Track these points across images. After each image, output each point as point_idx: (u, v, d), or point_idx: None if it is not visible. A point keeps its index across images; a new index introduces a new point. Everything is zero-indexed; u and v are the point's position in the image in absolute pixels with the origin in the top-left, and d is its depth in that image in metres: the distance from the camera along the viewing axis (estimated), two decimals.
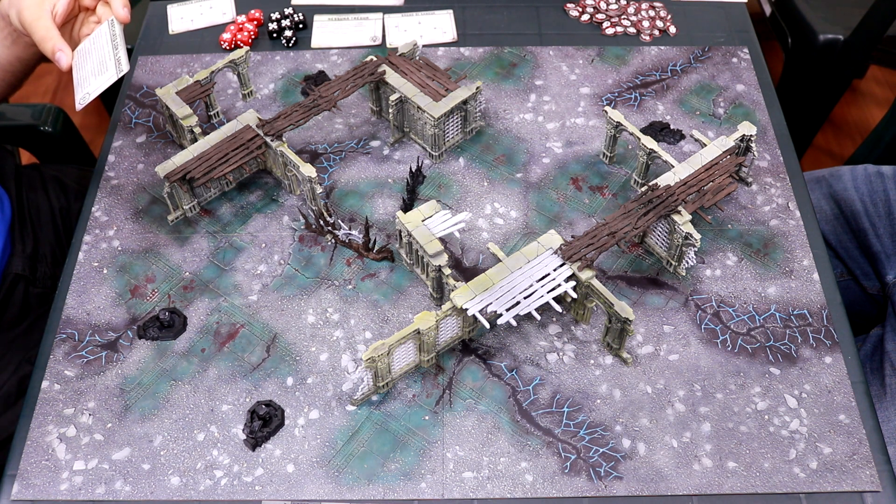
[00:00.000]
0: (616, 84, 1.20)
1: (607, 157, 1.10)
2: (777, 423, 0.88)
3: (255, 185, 1.09)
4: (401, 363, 0.90)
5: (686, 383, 0.91)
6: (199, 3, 1.33)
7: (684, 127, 1.14)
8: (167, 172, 1.00)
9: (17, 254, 1.15)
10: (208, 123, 1.14)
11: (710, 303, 0.97)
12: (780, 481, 0.84)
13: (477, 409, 0.89)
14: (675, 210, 0.94)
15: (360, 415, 0.89)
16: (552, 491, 0.84)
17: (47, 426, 0.89)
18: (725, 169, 0.98)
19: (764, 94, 1.18)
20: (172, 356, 0.94)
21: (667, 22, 1.28)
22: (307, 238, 1.04)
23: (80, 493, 0.84)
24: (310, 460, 0.86)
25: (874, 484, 0.83)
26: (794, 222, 1.04)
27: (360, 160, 1.12)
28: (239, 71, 1.13)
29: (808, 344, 0.93)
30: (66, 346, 0.94)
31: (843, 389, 0.90)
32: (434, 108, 1.06)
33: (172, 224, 1.05)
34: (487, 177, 1.09)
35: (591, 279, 0.89)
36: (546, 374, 0.92)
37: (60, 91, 2.31)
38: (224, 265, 1.01)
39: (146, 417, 0.89)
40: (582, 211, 1.06)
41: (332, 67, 1.23)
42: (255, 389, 0.91)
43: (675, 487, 0.84)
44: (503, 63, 1.23)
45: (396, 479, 0.85)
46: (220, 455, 0.86)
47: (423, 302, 0.98)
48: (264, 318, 0.96)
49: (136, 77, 1.23)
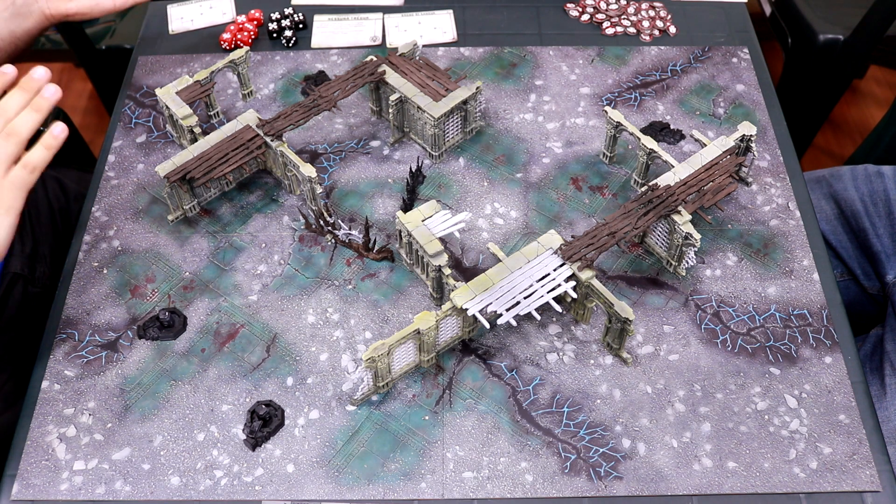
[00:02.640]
0: (616, 84, 1.20)
1: (607, 157, 1.10)
2: (777, 423, 0.88)
3: (255, 185, 1.09)
4: (401, 363, 0.90)
5: (686, 383, 0.91)
6: (199, 3, 1.33)
7: (684, 127, 1.14)
8: (167, 172, 1.00)
9: (15, 253, 1.15)
10: (208, 123, 1.14)
11: (710, 303, 0.97)
12: (780, 481, 0.84)
13: (477, 409, 0.89)
14: (675, 210, 0.94)
15: (360, 415, 0.89)
16: (552, 491, 0.84)
17: (47, 426, 0.89)
18: (725, 169, 0.98)
19: (764, 94, 1.18)
20: (172, 356, 0.94)
21: (667, 22, 1.28)
22: (307, 238, 1.04)
23: (80, 494, 0.84)
24: (310, 460, 0.86)
25: (874, 484, 0.83)
26: (794, 222, 1.04)
27: (360, 160, 1.12)
28: (239, 71, 1.13)
29: (808, 344, 0.93)
30: (66, 346, 0.94)
31: (843, 389, 0.90)
32: (434, 108, 1.06)
33: (172, 224, 1.05)
34: (487, 177, 1.09)
35: (591, 279, 0.89)
36: (546, 374, 0.92)
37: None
38: (224, 265, 1.01)
39: (146, 417, 0.89)
40: (582, 211, 1.06)
41: (332, 67, 1.23)
42: (255, 389, 0.91)
43: (675, 487, 0.84)
44: (503, 63, 1.23)
45: (396, 479, 0.85)
46: (220, 455, 0.86)
47: (423, 302, 0.98)
48: (264, 318, 0.96)
49: (136, 77, 1.23)
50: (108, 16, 1.88)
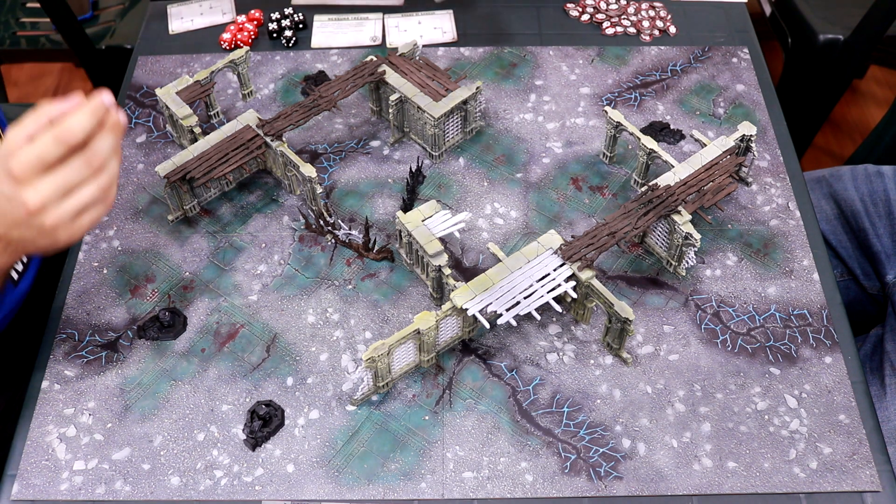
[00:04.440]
0: (616, 84, 1.20)
1: (607, 157, 1.10)
2: (777, 423, 0.88)
3: (255, 185, 1.09)
4: (401, 363, 0.90)
5: (686, 383, 0.91)
6: (199, 3, 1.33)
7: (684, 127, 1.14)
8: (167, 172, 1.00)
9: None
10: (208, 123, 1.14)
11: (710, 303, 0.97)
12: (780, 481, 0.84)
13: (477, 409, 0.89)
14: (675, 210, 0.94)
15: (360, 415, 0.89)
16: (552, 491, 0.84)
17: (47, 426, 0.89)
18: (725, 169, 0.98)
19: (764, 94, 1.18)
20: (172, 356, 0.94)
21: (667, 22, 1.28)
22: (307, 238, 1.04)
23: (80, 493, 0.84)
24: (310, 460, 0.86)
25: (874, 484, 0.83)
26: (794, 222, 1.04)
27: (360, 160, 1.12)
28: (239, 71, 1.13)
29: (808, 344, 0.93)
30: (66, 346, 0.94)
31: (843, 389, 0.90)
32: (434, 108, 1.06)
33: (172, 224, 1.05)
34: (487, 177, 1.09)
35: (591, 279, 0.89)
36: (546, 374, 0.92)
37: (60, 91, 2.31)
38: (224, 265, 1.01)
39: (146, 417, 0.89)
40: (582, 211, 1.06)
41: (332, 67, 1.23)
42: (255, 389, 0.91)
43: (675, 487, 0.84)
44: (503, 63, 1.23)
45: (396, 479, 0.85)
46: (220, 455, 0.86)
47: (423, 302, 0.98)
48: (264, 318, 0.96)
49: (136, 77, 1.23)
50: (108, 16, 1.88)
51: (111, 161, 0.77)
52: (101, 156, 0.76)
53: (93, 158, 0.75)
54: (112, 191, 0.79)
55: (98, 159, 0.76)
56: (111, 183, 0.78)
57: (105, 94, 0.76)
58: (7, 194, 0.74)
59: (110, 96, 0.76)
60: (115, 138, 0.77)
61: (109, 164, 0.77)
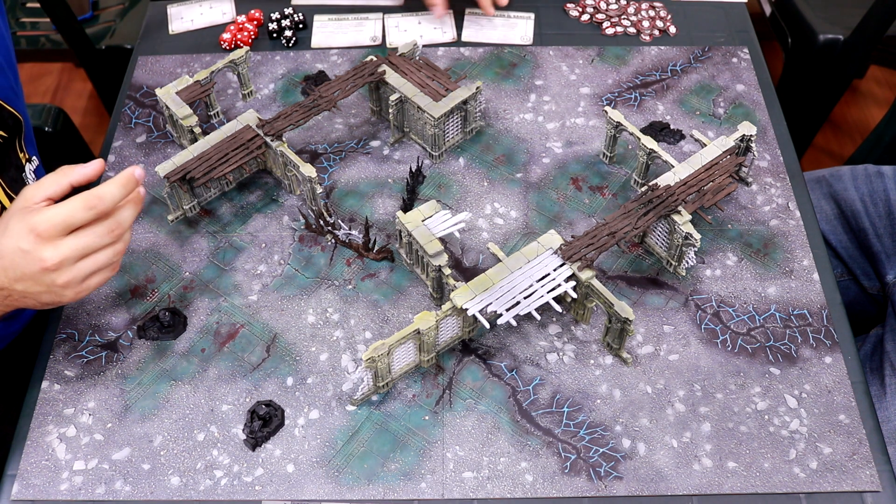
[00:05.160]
0: (616, 84, 1.20)
1: (607, 157, 1.10)
2: (777, 423, 0.88)
3: (255, 185, 1.09)
4: (401, 363, 0.90)
5: (686, 383, 0.91)
6: (199, 3, 1.33)
7: (684, 127, 1.14)
8: (167, 172, 1.00)
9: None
10: (208, 123, 1.14)
11: (710, 303, 0.97)
12: (780, 481, 0.84)
13: (477, 409, 0.89)
14: (675, 210, 0.94)
15: (360, 415, 0.89)
16: (552, 491, 0.84)
17: (47, 426, 0.89)
18: (725, 169, 0.98)
19: (764, 94, 1.18)
20: (172, 356, 0.94)
21: (667, 22, 1.28)
22: (307, 238, 1.04)
23: (80, 494, 0.84)
24: (310, 460, 0.86)
25: (874, 484, 0.83)
26: (794, 222, 1.04)
27: (360, 160, 1.12)
28: (239, 71, 1.13)
29: (808, 344, 0.93)
30: (66, 346, 0.94)
31: (843, 389, 0.90)
32: (434, 108, 1.06)
33: (172, 224, 1.05)
34: (487, 177, 1.09)
35: (591, 279, 0.89)
36: (546, 374, 0.92)
37: (60, 91, 2.31)
38: (224, 265, 1.01)
39: (146, 417, 0.89)
40: (582, 211, 1.06)
41: (332, 67, 1.23)
42: (255, 389, 0.91)
43: (675, 487, 0.84)
44: (503, 63, 1.23)
45: (396, 479, 0.85)
46: (220, 455, 0.86)
47: (423, 302, 0.98)
48: (264, 318, 0.96)
49: (136, 77, 1.23)
50: (108, 16, 1.88)
51: (128, 231, 0.82)
52: (124, 226, 0.81)
53: (115, 227, 0.80)
54: (121, 257, 0.83)
55: (120, 229, 0.81)
56: (123, 250, 0.83)
57: (136, 168, 0.81)
58: (25, 249, 0.77)
59: (141, 170, 0.81)
60: (136, 210, 0.82)
61: (126, 233, 0.82)
